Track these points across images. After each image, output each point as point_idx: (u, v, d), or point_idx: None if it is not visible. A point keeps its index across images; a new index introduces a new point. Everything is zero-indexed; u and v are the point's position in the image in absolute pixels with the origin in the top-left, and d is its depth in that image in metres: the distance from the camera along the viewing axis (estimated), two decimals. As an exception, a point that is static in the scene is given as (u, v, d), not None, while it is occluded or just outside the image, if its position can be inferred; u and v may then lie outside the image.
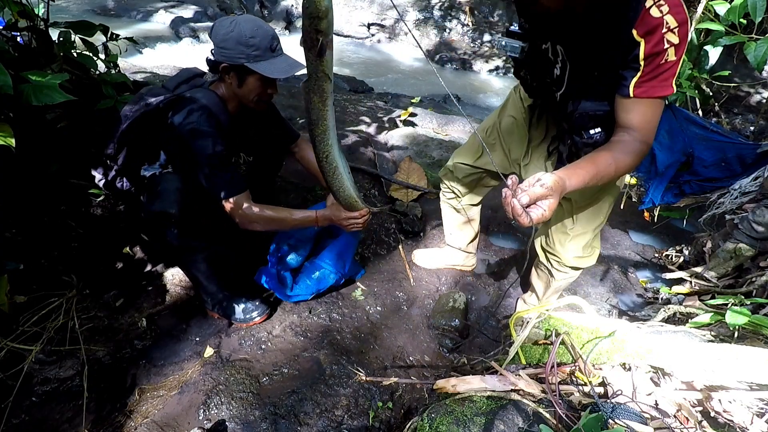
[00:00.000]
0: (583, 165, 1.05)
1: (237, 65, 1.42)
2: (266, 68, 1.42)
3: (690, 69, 2.39)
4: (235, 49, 1.39)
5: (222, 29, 1.40)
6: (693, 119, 2.43)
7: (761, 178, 2.16)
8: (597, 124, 1.15)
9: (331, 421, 1.41)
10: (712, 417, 0.97)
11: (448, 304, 1.88)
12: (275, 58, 1.45)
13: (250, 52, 1.40)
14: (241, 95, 1.52)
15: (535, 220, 0.95)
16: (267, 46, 1.41)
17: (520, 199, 0.93)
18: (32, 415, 1.40)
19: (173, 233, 1.50)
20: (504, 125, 1.54)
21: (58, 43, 1.90)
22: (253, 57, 1.41)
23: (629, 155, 1.08)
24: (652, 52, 0.98)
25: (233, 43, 1.38)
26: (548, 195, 0.95)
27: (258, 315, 1.70)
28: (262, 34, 1.40)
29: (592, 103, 1.13)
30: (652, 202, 2.57)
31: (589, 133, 1.17)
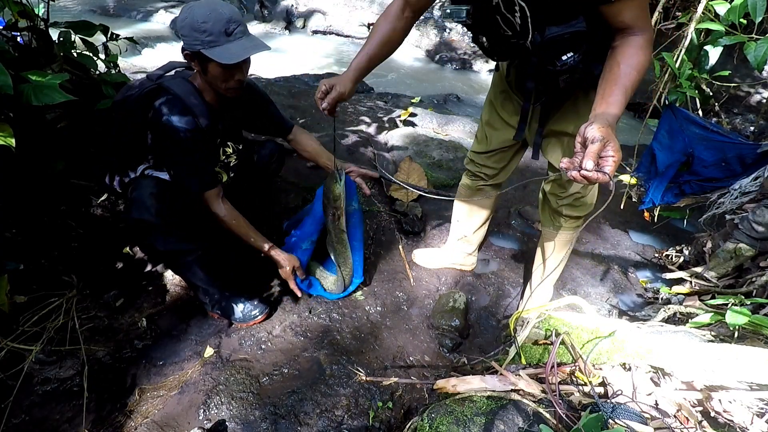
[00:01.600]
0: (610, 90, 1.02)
1: (196, 52, 1.39)
2: (219, 54, 1.36)
3: (690, 69, 2.38)
4: (191, 35, 1.35)
5: (180, 16, 1.38)
6: (693, 119, 2.43)
7: (761, 178, 2.16)
8: (567, 47, 1.09)
9: (331, 421, 1.41)
10: (712, 417, 0.97)
11: (448, 304, 1.88)
12: (231, 43, 1.38)
13: (204, 38, 1.35)
14: (211, 83, 1.49)
15: (611, 171, 0.91)
16: (221, 30, 1.36)
17: (585, 166, 0.89)
18: (32, 415, 1.40)
19: (157, 239, 1.49)
20: (497, 100, 1.55)
21: (58, 43, 1.90)
22: (207, 43, 1.36)
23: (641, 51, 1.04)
24: None
25: (188, 29, 1.35)
26: (606, 142, 0.92)
27: (258, 315, 1.70)
28: (215, 17, 1.35)
29: (559, 27, 1.06)
30: (652, 202, 2.57)
31: (561, 59, 1.11)
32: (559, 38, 1.07)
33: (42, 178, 1.79)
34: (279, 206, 2.30)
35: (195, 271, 1.61)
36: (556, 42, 1.08)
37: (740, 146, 2.31)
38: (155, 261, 1.92)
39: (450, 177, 2.81)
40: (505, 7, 1.07)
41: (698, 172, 2.47)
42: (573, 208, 1.57)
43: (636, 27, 1.04)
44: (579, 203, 1.55)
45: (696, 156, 2.45)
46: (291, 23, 8.29)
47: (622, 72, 1.03)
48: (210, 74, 1.44)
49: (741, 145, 2.31)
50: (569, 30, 1.06)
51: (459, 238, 2.00)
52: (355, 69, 1.38)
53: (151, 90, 1.46)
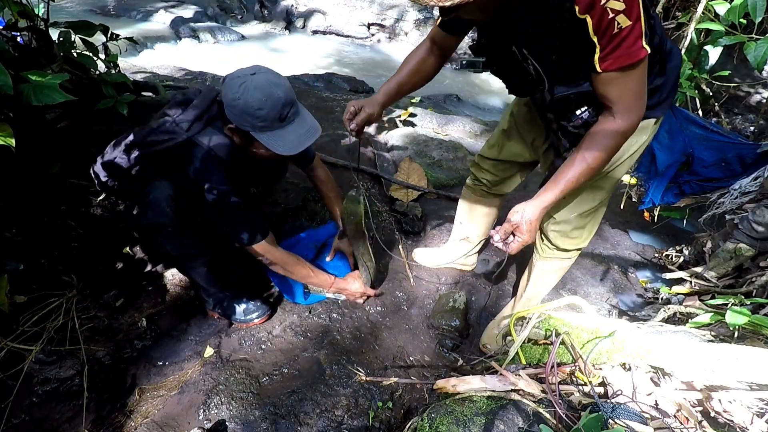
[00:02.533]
0: (555, 179, 1.15)
1: (243, 130, 1.32)
2: (273, 142, 1.30)
3: (690, 69, 2.38)
4: (242, 117, 1.28)
5: (230, 91, 1.27)
6: (693, 119, 2.43)
7: (761, 178, 2.16)
8: (580, 103, 1.13)
9: (331, 421, 1.41)
10: (712, 417, 0.97)
11: (448, 304, 1.88)
12: (285, 128, 1.32)
13: (256, 123, 1.28)
14: (249, 151, 1.41)
15: (512, 250, 1.18)
16: (276, 117, 1.29)
17: (493, 237, 1.18)
18: (32, 415, 1.40)
19: (170, 242, 1.48)
20: (519, 113, 1.52)
21: (58, 43, 1.90)
22: (260, 128, 1.29)
23: (609, 139, 1.09)
24: (600, 26, 0.94)
25: (239, 111, 1.27)
26: (515, 227, 1.16)
27: (258, 316, 1.70)
28: (271, 104, 1.27)
29: (566, 87, 1.11)
30: (652, 202, 2.57)
31: (576, 114, 1.15)
32: (566, 97, 1.12)
33: (42, 178, 1.79)
34: (279, 207, 2.30)
35: (200, 271, 1.61)
36: (566, 100, 1.13)
37: (740, 146, 2.31)
38: (160, 261, 1.92)
39: (450, 177, 2.81)
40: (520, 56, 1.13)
41: (698, 172, 2.47)
42: (563, 238, 1.49)
43: (617, 108, 1.07)
44: (573, 234, 1.47)
45: (696, 156, 2.45)
46: (291, 23, 8.29)
47: (576, 163, 1.12)
48: (256, 149, 1.37)
49: (741, 145, 2.31)
50: (576, 90, 1.10)
51: (461, 239, 2.00)
52: (384, 93, 1.40)
53: (185, 144, 1.37)
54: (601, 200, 1.41)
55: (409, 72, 1.41)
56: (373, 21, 7.99)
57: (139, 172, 1.48)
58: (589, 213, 1.43)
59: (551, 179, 1.16)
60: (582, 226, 1.46)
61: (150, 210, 1.43)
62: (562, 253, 1.53)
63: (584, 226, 1.47)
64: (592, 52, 0.99)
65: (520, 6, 0.99)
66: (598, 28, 0.95)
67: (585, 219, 1.44)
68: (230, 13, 8.62)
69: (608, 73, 1.01)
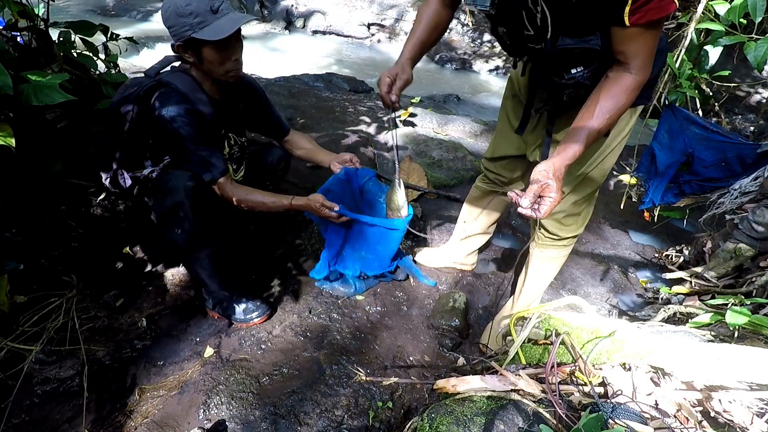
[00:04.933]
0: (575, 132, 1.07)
1: (186, 40, 1.37)
2: (210, 32, 1.35)
3: (690, 69, 2.38)
4: (178, 23, 1.34)
5: (163, 8, 1.36)
6: (693, 119, 2.43)
7: (761, 178, 2.16)
8: (578, 62, 1.08)
9: (331, 421, 1.41)
10: (712, 417, 0.97)
11: (448, 304, 1.88)
12: (219, 19, 1.37)
13: (191, 21, 1.34)
14: (208, 71, 1.48)
15: (544, 213, 1.04)
16: (206, 8, 1.34)
17: (521, 203, 1.03)
18: (32, 415, 1.40)
19: (182, 231, 1.50)
20: (509, 108, 1.52)
21: (58, 43, 1.90)
22: (197, 24, 1.34)
23: (625, 94, 1.04)
24: None
25: (174, 17, 1.34)
26: (545, 185, 1.03)
27: (258, 316, 1.70)
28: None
29: (572, 39, 1.04)
30: (652, 202, 2.57)
31: (570, 72, 1.10)
32: (569, 51, 1.06)
33: (42, 178, 1.79)
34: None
35: (205, 266, 1.62)
36: (566, 54, 1.07)
37: (740, 146, 2.31)
38: (168, 254, 1.92)
39: (450, 177, 2.81)
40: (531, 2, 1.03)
41: (698, 172, 2.47)
42: (557, 225, 1.49)
43: (633, 64, 1.03)
44: (567, 222, 1.48)
45: (696, 156, 2.45)
46: (291, 23, 8.29)
47: (596, 114, 1.05)
48: (206, 60, 1.43)
49: (741, 145, 2.31)
50: (581, 45, 1.04)
51: (462, 238, 2.00)
52: (410, 55, 1.35)
53: (150, 87, 1.46)
54: (593, 189, 1.43)
55: (426, 28, 1.35)
56: (373, 21, 7.99)
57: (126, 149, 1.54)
58: (583, 201, 1.44)
59: (569, 135, 1.08)
60: (576, 213, 1.47)
61: (169, 195, 1.46)
62: (558, 241, 1.54)
63: (579, 213, 1.48)
64: (624, 3, 0.92)
65: None
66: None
67: (579, 207, 1.45)
68: (230, 13, 8.62)
69: (635, 28, 0.96)
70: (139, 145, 1.55)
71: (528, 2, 1.03)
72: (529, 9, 1.04)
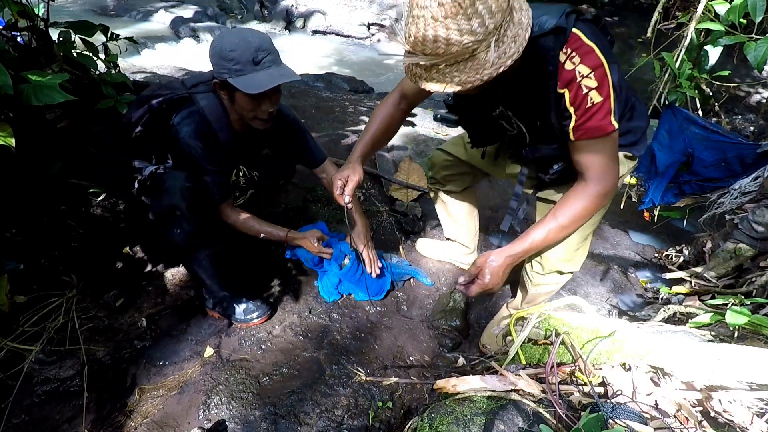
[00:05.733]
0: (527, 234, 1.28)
1: (224, 81, 1.38)
2: (245, 83, 1.35)
3: (690, 69, 2.38)
4: (219, 64, 1.36)
5: (212, 44, 1.38)
6: (693, 119, 2.43)
7: (761, 178, 2.17)
8: (557, 160, 1.28)
9: (331, 421, 1.41)
10: (712, 417, 0.97)
11: (448, 304, 1.87)
12: (258, 72, 1.37)
13: (230, 66, 1.34)
14: (238, 112, 1.49)
15: (471, 292, 1.30)
16: (248, 59, 1.35)
17: (458, 280, 1.33)
18: (32, 415, 1.40)
19: (181, 231, 1.50)
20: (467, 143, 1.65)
21: (58, 43, 1.90)
22: (235, 72, 1.35)
23: (580, 201, 1.20)
24: (576, 99, 1.08)
25: (217, 57, 1.36)
26: (480, 271, 1.28)
27: (258, 316, 1.70)
28: (244, 46, 1.34)
29: (547, 147, 1.25)
30: (652, 202, 2.57)
31: (553, 168, 1.30)
32: (549, 155, 1.27)
33: (42, 178, 1.79)
34: (280, 207, 2.30)
35: (206, 266, 1.61)
36: (546, 159, 1.29)
37: (740, 146, 2.31)
38: (168, 254, 1.92)
39: (450, 177, 2.81)
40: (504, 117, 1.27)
41: (698, 172, 2.48)
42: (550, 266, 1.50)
43: (588, 174, 1.18)
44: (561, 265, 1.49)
45: (696, 156, 2.46)
46: (291, 23, 8.29)
47: (547, 222, 1.24)
48: (237, 104, 1.44)
49: (741, 145, 2.31)
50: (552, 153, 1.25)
51: (449, 238, 2.06)
52: (361, 154, 1.46)
53: (181, 98, 1.47)
54: (586, 236, 1.48)
55: (380, 129, 1.50)
56: (373, 21, 7.99)
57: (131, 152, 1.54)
58: (576, 249, 1.47)
59: (524, 234, 1.28)
60: (570, 259, 1.49)
61: (166, 195, 1.47)
62: (552, 275, 1.54)
63: (572, 259, 1.49)
64: (569, 122, 1.12)
65: (513, 77, 1.09)
66: (573, 101, 1.09)
67: (573, 253, 1.48)
68: (230, 13, 8.62)
69: (580, 142, 1.14)
70: (144, 148, 1.55)
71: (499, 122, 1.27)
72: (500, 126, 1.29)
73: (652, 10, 2.48)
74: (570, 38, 1.07)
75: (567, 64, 1.07)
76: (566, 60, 1.07)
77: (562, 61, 1.07)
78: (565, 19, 1.07)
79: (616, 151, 1.20)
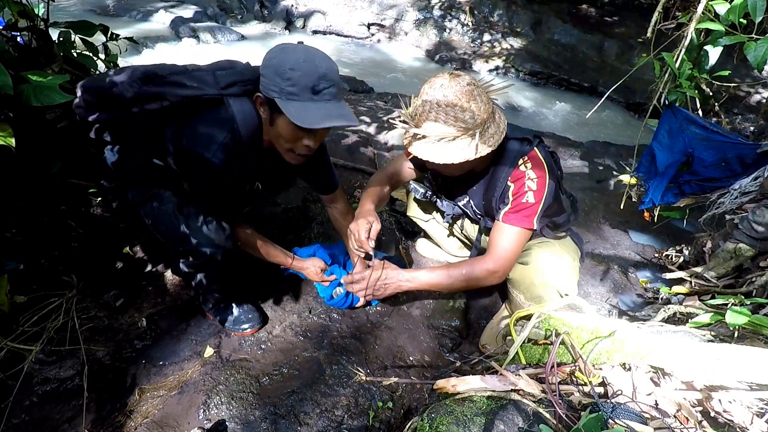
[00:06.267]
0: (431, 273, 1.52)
1: (269, 98, 1.19)
2: (296, 111, 1.14)
3: (690, 69, 2.38)
4: (271, 79, 1.16)
5: (269, 54, 1.19)
6: (693, 119, 2.43)
7: (761, 178, 2.16)
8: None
9: (331, 421, 1.41)
10: (712, 417, 0.97)
11: (448, 304, 1.87)
12: (315, 103, 1.17)
13: (285, 86, 1.14)
14: (273, 136, 1.28)
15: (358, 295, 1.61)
16: (308, 84, 1.14)
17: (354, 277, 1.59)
18: (32, 415, 1.40)
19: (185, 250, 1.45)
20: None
21: (58, 43, 1.90)
22: (287, 94, 1.15)
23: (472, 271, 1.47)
24: (518, 191, 1.41)
25: (271, 72, 1.15)
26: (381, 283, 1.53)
27: (249, 327, 1.67)
28: (307, 68, 1.14)
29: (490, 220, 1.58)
30: (652, 202, 2.57)
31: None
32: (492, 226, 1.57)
33: (42, 178, 1.79)
34: (279, 207, 2.30)
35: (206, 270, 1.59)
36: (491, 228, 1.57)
37: (740, 146, 2.31)
38: (160, 261, 1.91)
39: (450, 177, 2.81)
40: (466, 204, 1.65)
41: (698, 172, 2.47)
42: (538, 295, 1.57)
43: (491, 252, 1.47)
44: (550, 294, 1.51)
45: (696, 156, 2.45)
46: (291, 23, 8.29)
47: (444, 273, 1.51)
48: (276, 128, 1.23)
49: (741, 145, 2.31)
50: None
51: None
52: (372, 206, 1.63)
53: (213, 99, 1.24)
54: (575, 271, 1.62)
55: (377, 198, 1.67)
56: (373, 21, 7.99)
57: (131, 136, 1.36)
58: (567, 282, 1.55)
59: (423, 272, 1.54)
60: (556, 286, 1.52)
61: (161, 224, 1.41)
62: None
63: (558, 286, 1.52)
64: (504, 207, 1.44)
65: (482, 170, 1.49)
66: (515, 193, 1.42)
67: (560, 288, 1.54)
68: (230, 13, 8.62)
69: (502, 224, 1.44)
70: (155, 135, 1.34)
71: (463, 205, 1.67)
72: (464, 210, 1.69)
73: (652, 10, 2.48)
74: (530, 153, 1.42)
75: (521, 166, 1.42)
76: (522, 163, 1.42)
77: (519, 164, 1.42)
78: (533, 138, 1.45)
79: (522, 247, 1.49)
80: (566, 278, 1.53)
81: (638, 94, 5.55)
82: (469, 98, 1.29)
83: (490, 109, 1.34)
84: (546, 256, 1.54)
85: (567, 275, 1.54)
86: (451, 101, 1.28)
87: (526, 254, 1.58)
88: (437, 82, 1.33)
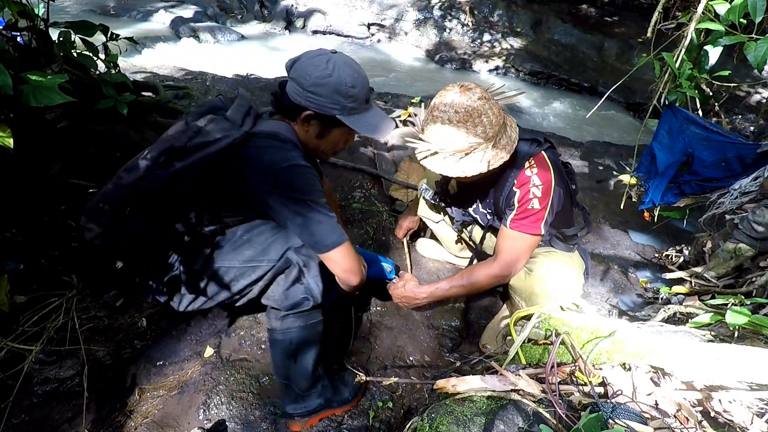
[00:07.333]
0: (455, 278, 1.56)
1: (326, 115, 1.20)
2: (359, 123, 1.22)
3: (690, 69, 2.38)
4: (330, 98, 1.17)
5: (315, 71, 1.16)
6: (693, 119, 2.43)
7: (761, 178, 2.16)
8: None
9: (331, 421, 1.41)
10: (712, 417, 0.97)
11: (448, 303, 1.87)
12: (369, 111, 1.27)
13: (346, 103, 1.19)
14: (315, 145, 1.29)
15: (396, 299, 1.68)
16: (364, 97, 1.23)
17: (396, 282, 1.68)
18: (32, 415, 1.40)
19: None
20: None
21: (58, 43, 1.90)
22: (348, 109, 1.20)
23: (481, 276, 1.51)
24: (523, 198, 1.41)
25: (329, 90, 1.16)
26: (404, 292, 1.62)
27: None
28: (362, 83, 1.22)
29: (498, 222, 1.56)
30: (652, 202, 2.57)
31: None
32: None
33: (42, 178, 1.79)
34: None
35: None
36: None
37: (740, 146, 2.31)
38: None
39: (450, 177, 2.81)
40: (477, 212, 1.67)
41: (698, 172, 2.48)
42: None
43: (499, 257, 1.49)
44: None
45: (696, 156, 2.46)
46: (291, 23, 8.28)
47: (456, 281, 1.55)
48: (327, 139, 1.27)
49: (741, 145, 2.31)
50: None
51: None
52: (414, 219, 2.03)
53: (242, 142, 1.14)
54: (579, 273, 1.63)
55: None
56: (373, 21, 7.99)
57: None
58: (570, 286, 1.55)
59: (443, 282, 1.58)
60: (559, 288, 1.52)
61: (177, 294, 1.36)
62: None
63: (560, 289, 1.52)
64: (511, 213, 1.44)
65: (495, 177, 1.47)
66: (521, 199, 1.42)
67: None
68: (230, 13, 8.61)
69: (510, 231, 1.45)
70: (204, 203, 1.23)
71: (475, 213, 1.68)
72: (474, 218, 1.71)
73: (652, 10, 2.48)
74: (538, 156, 1.42)
75: (527, 171, 1.41)
76: (528, 168, 1.41)
77: (525, 168, 1.41)
78: (543, 140, 1.46)
79: (530, 251, 1.50)
80: (568, 291, 1.50)
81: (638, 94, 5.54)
82: (481, 112, 1.29)
83: (501, 120, 1.33)
84: (550, 266, 1.52)
85: (569, 288, 1.51)
86: (462, 117, 1.28)
87: (531, 262, 1.56)
88: (448, 96, 1.32)
